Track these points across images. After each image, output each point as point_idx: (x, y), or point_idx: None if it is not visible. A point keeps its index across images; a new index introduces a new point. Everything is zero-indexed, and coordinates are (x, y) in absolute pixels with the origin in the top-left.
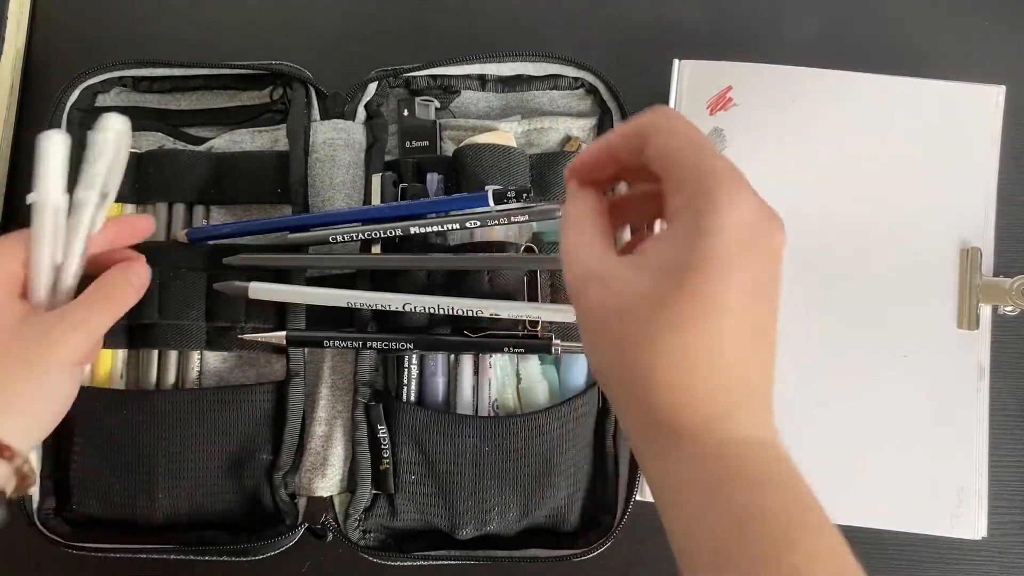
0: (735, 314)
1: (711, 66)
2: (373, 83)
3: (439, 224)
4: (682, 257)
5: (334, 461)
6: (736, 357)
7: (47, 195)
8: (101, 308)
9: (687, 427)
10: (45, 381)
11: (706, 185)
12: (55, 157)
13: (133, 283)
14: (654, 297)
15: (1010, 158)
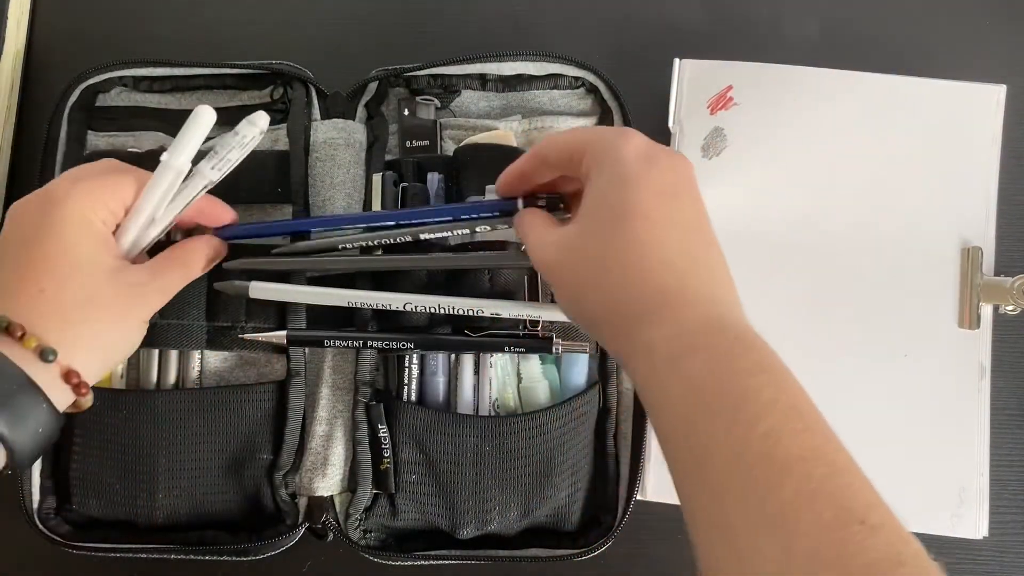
0: (652, 204)
1: (711, 66)
2: (373, 83)
3: (467, 227)
4: (603, 192)
5: (335, 461)
6: (664, 245)
7: (177, 158)
8: (179, 274)
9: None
10: (126, 332)
11: (605, 139)
12: (200, 130)
13: (209, 254)
14: (594, 222)
15: (1011, 158)
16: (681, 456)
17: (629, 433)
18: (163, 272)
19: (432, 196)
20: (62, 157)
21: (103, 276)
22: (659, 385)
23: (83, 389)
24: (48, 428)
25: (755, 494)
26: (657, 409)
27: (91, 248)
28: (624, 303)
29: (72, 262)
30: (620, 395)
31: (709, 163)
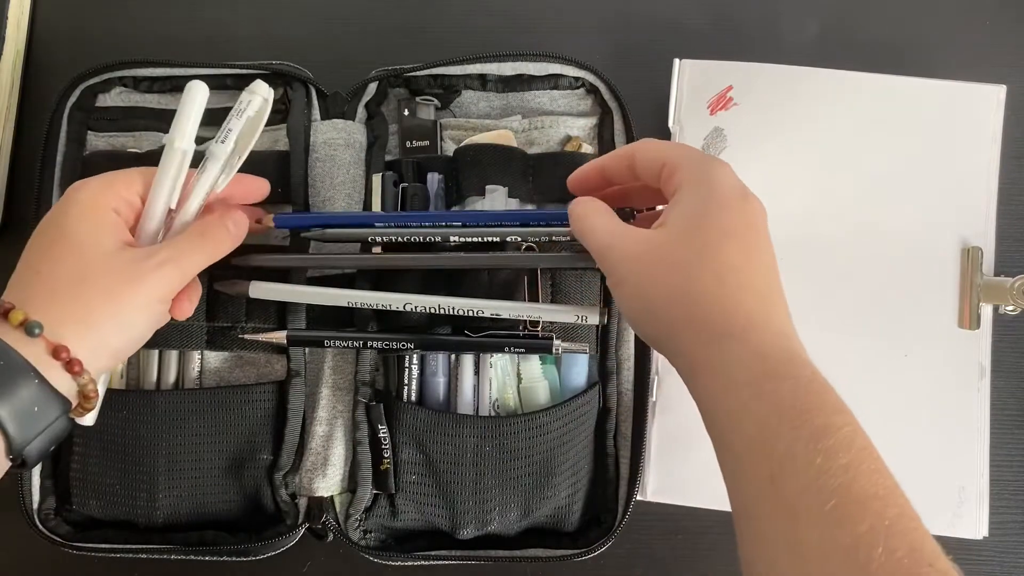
0: (746, 241)
1: (711, 66)
2: (373, 83)
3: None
4: (699, 208)
5: (335, 461)
6: (753, 272)
7: (178, 139)
8: (192, 247)
9: (734, 323)
10: (123, 315)
11: (703, 162)
12: (196, 105)
13: (229, 227)
14: (689, 233)
15: (1011, 157)
16: (754, 471)
17: (629, 433)
18: (165, 247)
19: (432, 196)
20: (62, 157)
21: (102, 256)
22: (738, 401)
23: (76, 367)
24: (44, 408)
25: (831, 522)
26: (731, 423)
27: (92, 231)
28: (709, 317)
29: (70, 244)
30: (620, 395)
31: None
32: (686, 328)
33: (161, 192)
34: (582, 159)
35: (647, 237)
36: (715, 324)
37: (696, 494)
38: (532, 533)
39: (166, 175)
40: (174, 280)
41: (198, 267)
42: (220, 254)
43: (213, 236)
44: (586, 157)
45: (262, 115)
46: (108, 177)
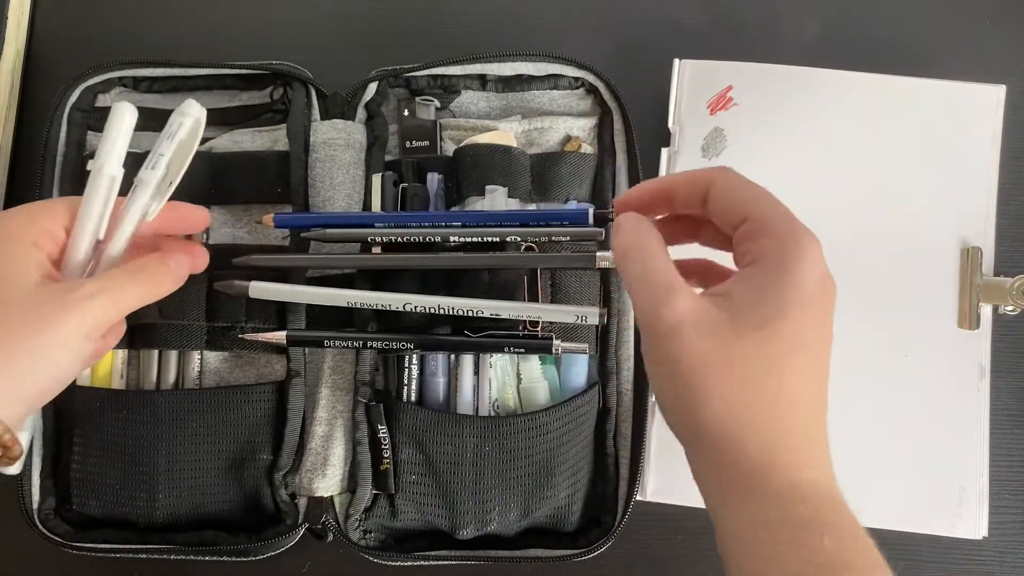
0: (815, 351)
1: (711, 66)
2: (373, 83)
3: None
4: (780, 297)
5: (334, 461)
6: (810, 404)
7: (106, 164)
8: (126, 281)
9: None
10: (42, 350)
11: (797, 237)
12: (122, 128)
13: (170, 266)
14: (757, 331)
15: (1010, 157)
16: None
17: (629, 433)
18: (111, 279)
19: (432, 196)
20: (61, 157)
21: (16, 291)
22: (772, 548)
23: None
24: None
25: None
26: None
27: (8, 264)
28: (752, 439)
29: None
30: (620, 395)
31: (709, 164)
32: (718, 444)
33: (88, 221)
34: (582, 159)
35: (707, 317)
36: (758, 449)
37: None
38: (532, 533)
39: (93, 203)
40: (104, 314)
41: (132, 304)
42: (158, 294)
43: (152, 272)
44: (586, 157)
45: (195, 136)
46: (28, 208)
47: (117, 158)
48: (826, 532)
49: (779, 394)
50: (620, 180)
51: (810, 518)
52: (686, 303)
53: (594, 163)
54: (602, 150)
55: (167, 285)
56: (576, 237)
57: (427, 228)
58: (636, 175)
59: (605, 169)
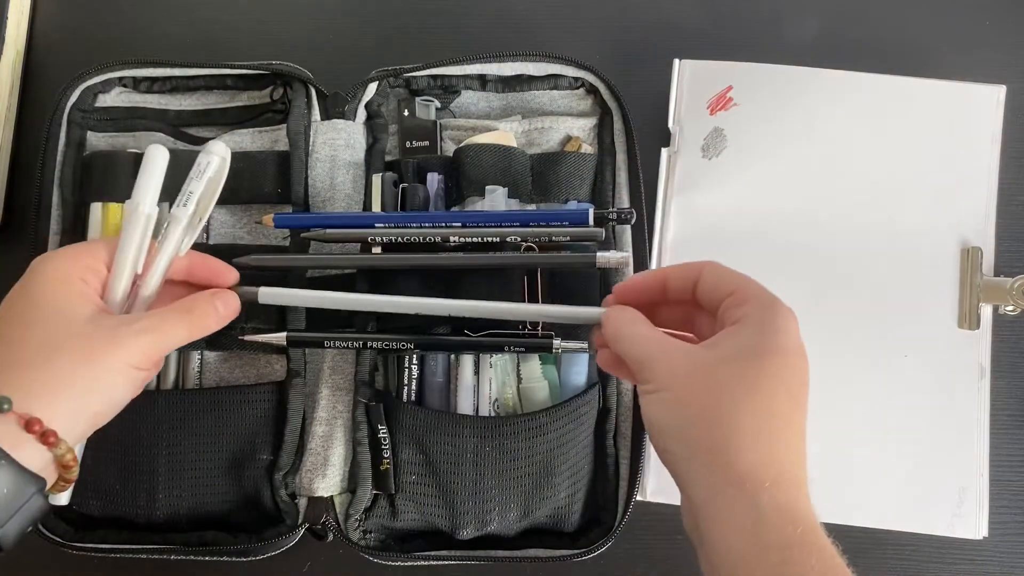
0: (792, 392)
1: (711, 66)
2: (373, 83)
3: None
4: (759, 344)
5: (334, 461)
6: (791, 425)
7: (142, 203)
8: (176, 320)
9: (766, 474)
10: (101, 377)
11: (773, 303)
12: (157, 168)
13: (218, 308)
14: (744, 364)
15: (1010, 158)
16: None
17: (629, 433)
18: (162, 317)
19: (432, 196)
20: (62, 157)
21: (74, 324)
22: (765, 564)
23: (51, 438)
24: (15, 490)
25: None
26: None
27: (63, 299)
28: (741, 455)
29: (41, 314)
30: (620, 395)
31: (709, 163)
32: (715, 455)
33: (127, 257)
34: (582, 159)
35: (696, 353)
36: (750, 470)
37: None
38: (532, 533)
39: (131, 239)
40: (154, 348)
41: (179, 341)
42: (203, 332)
43: (200, 312)
44: (586, 157)
45: (222, 173)
46: (72, 248)
47: (152, 197)
48: (813, 553)
49: (768, 411)
50: (620, 180)
51: (800, 539)
52: (674, 351)
53: (594, 163)
54: (602, 150)
55: (212, 324)
56: (576, 237)
57: (427, 228)
58: (636, 175)
59: (605, 169)
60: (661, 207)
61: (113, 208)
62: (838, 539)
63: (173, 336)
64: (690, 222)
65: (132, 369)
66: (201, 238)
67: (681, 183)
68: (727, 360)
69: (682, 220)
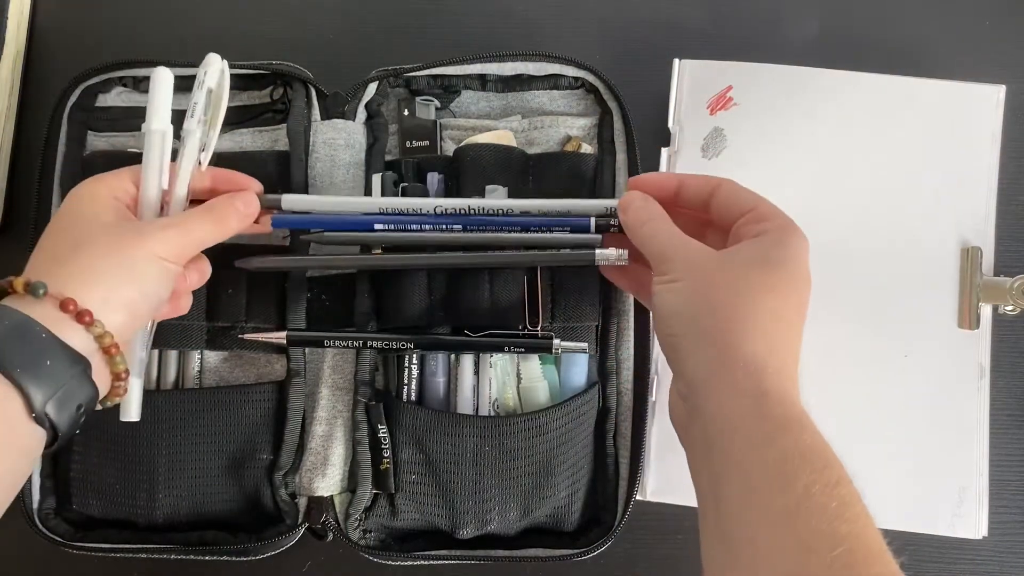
0: (800, 303)
1: (711, 66)
2: (373, 83)
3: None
4: (778, 255)
5: (334, 461)
6: (794, 330)
7: (153, 120)
8: (199, 217)
9: (771, 363)
10: (130, 266)
11: (792, 224)
12: (163, 91)
13: (237, 205)
14: (761, 268)
15: (1010, 158)
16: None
17: (629, 433)
18: (186, 215)
19: (432, 196)
20: (62, 157)
21: (103, 225)
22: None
23: (86, 317)
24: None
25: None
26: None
27: (93, 208)
28: (752, 345)
29: (72, 219)
30: (620, 395)
31: (709, 163)
32: (724, 340)
33: (151, 172)
34: (582, 159)
35: (716, 253)
36: (756, 355)
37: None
38: (532, 533)
39: (152, 156)
40: (180, 241)
41: (204, 236)
42: (228, 229)
43: (221, 211)
44: (586, 157)
45: (223, 84)
46: (99, 175)
47: (163, 115)
48: (804, 430)
49: (777, 312)
50: (620, 180)
51: (795, 417)
52: (694, 246)
53: (594, 163)
54: (602, 150)
55: (234, 221)
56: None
57: (427, 233)
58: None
59: (605, 169)
60: None
61: None
62: None
63: (198, 230)
64: None
65: (160, 260)
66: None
67: None
68: (747, 263)
69: None
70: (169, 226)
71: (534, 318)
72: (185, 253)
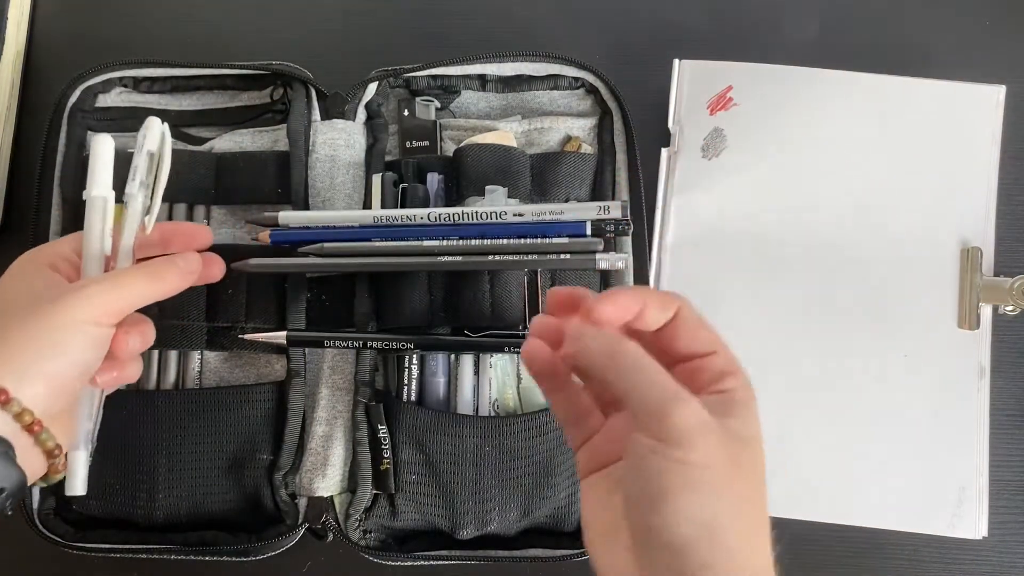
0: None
1: (711, 66)
2: (373, 83)
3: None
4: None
5: (334, 461)
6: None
7: (94, 188)
8: (131, 275)
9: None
10: (49, 335)
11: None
12: (104, 155)
13: (178, 264)
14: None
15: (1010, 158)
16: None
17: None
18: (118, 272)
19: (432, 197)
20: (61, 157)
21: (28, 295)
22: None
23: (1, 396)
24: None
25: None
26: None
27: (24, 280)
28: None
29: (2, 293)
30: None
31: (709, 164)
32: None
33: (93, 238)
34: (582, 159)
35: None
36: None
37: None
38: (532, 533)
39: (93, 221)
40: (106, 299)
41: (137, 294)
42: (165, 287)
43: (157, 269)
44: (586, 157)
45: (164, 147)
46: (40, 245)
47: (101, 181)
48: None
49: (758, 500)
50: (620, 180)
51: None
52: (699, 408)
53: (594, 163)
54: (602, 150)
55: (173, 279)
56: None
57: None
58: (636, 175)
59: (605, 169)
60: (661, 207)
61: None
62: (838, 539)
63: (129, 288)
64: (690, 222)
65: (86, 325)
66: None
67: (681, 183)
68: (738, 442)
69: (682, 220)
70: (100, 282)
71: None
72: (114, 312)
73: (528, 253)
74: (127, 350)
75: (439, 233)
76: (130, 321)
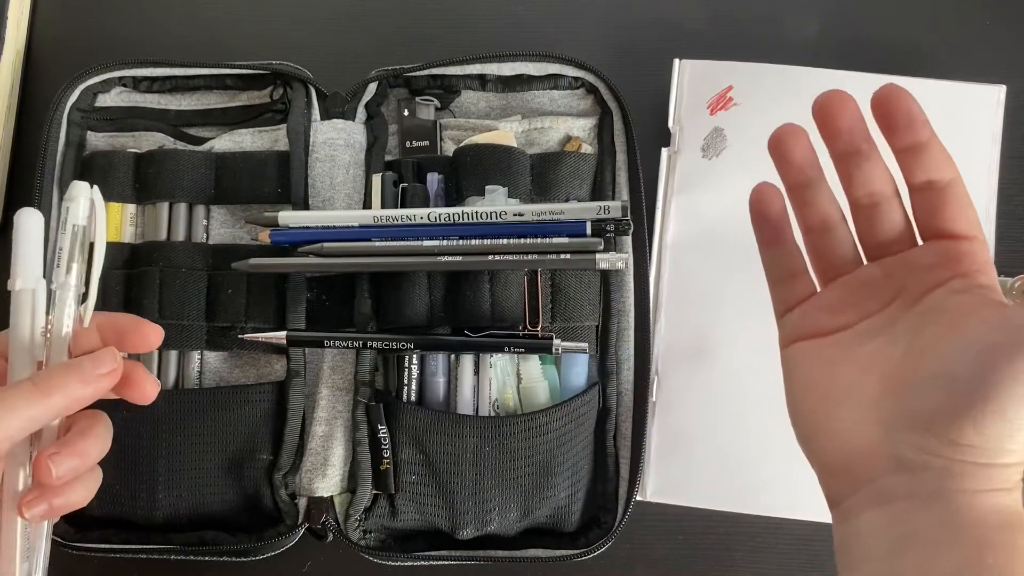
0: None
1: (711, 66)
2: (373, 83)
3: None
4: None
5: (334, 461)
6: None
7: (19, 278)
8: (28, 395)
9: None
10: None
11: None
12: (31, 233)
13: (85, 367)
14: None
15: (1010, 158)
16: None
17: (629, 433)
18: (4, 393)
19: (432, 197)
20: (61, 157)
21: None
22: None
23: None
24: None
25: None
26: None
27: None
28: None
29: None
30: (620, 395)
31: (709, 163)
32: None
33: (18, 340)
34: (582, 159)
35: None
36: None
37: (696, 494)
38: (532, 533)
39: (19, 320)
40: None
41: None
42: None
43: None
44: (586, 157)
45: (96, 216)
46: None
47: (28, 270)
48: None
49: None
50: (620, 180)
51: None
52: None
53: (594, 163)
54: (602, 150)
55: (78, 391)
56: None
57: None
58: (636, 175)
59: (605, 169)
60: (661, 207)
61: (112, 208)
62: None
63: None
64: (690, 222)
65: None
66: (200, 238)
67: (681, 183)
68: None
69: (682, 220)
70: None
71: (534, 318)
72: (15, 435)
73: (528, 253)
74: (56, 476)
75: (439, 233)
76: (68, 434)
